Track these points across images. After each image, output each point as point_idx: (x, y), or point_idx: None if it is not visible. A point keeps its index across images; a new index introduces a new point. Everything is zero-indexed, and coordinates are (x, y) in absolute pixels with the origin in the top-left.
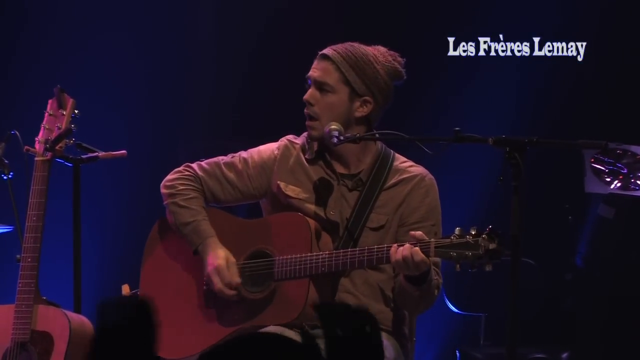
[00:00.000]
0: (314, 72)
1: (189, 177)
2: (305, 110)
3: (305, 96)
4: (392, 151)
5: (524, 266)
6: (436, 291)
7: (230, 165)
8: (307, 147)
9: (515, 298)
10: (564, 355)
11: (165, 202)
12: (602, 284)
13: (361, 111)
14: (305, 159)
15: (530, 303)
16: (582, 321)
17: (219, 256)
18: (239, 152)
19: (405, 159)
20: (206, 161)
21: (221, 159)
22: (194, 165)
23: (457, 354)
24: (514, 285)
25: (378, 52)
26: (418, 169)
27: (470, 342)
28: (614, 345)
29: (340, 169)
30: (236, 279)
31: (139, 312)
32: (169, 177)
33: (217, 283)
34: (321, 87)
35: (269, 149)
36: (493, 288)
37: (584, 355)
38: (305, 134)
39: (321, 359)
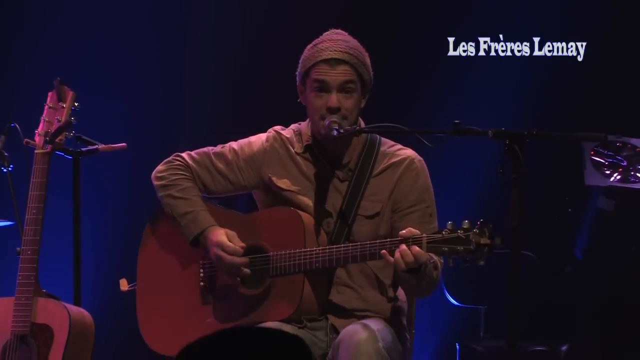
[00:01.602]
0: (336, 77)
1: (180, 167)
2: (330, 116)
3: (333, 103)
4: (378, 137)
5: (524, 259)
6: (435, 273)
7: (220, 156)
8: (295, 140)
9: (515, 290)
10: (564, 347)
11: (159, 195)
12: (601, 277)
13: (363, 102)
14: (295, 152)
15: (530, 296)
16: (581, 314)
17: (218, 234)
18: (229, 143)
19: (393, 143)
20: (196, 151)
21: (211, 149)
22: (184, 154)
23: (457, 346)
24: (514, 278)
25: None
26: (406, 152)
27: (470, 335)
28: (614, 337)
29: (330, 160)
30: (241, 244)
31: None
32: (159, 167)
33: (225, 257)
34: (346, 89)
35: (258, 140)
36: (493, 281)
37: (583, 348)
38: (292, 126)
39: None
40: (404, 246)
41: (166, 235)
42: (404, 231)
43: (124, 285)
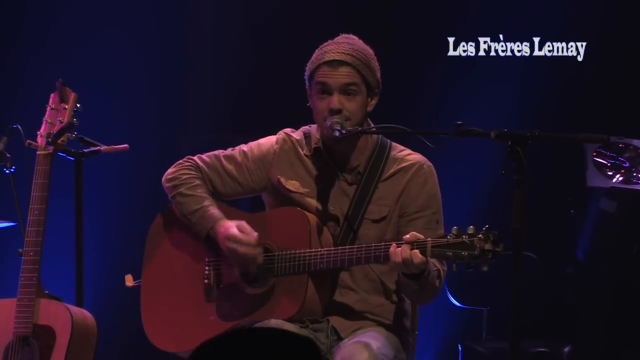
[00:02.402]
0: (337, 79)
1: (190, 167)
2: (332, 117)
3: (334, 105)
4: (389, 141)
5: (526, 260)
6: (437, 281)
7: (230, 158)
8: (304, 142)
9: (517, 292)
10: (566, 349)
11: (170, 195)
12: (603, 278)
13: (372, 105)
14: (304, 154)
15: (532, 297)
16: (583, 315)
17: (229, 226)
18: (239, 145)
19: (402, 148)
20: (206, 154)
21: (221, 152)
22: (195, 157)
23: (460, 348)
24: (516, 279)
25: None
26: (416, 157)
27: (473, 336)
28: (616, 338)
29: (338, 163)
30: (254, 235)
31: None
32: (170, 170)
33: (239, 248)
34: (347, 91)
35: (268, 142)
36: (495, 282)
37: (585, 349)
38: (302, 128)
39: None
40: (405, 247)
41: (172, 232)
42: (407, 235)
43: (129, 281)
